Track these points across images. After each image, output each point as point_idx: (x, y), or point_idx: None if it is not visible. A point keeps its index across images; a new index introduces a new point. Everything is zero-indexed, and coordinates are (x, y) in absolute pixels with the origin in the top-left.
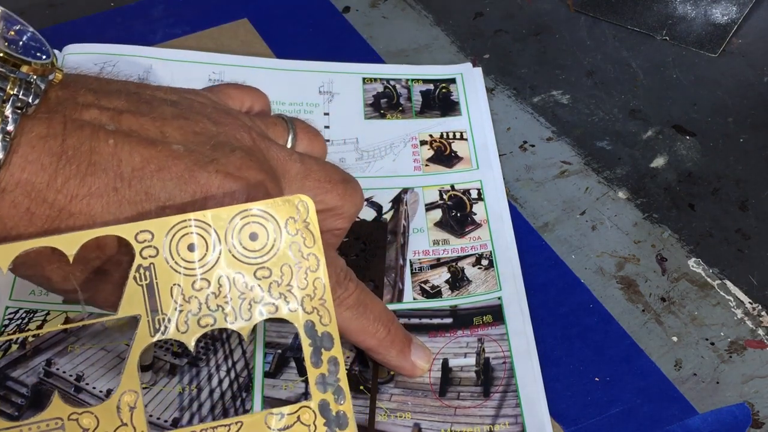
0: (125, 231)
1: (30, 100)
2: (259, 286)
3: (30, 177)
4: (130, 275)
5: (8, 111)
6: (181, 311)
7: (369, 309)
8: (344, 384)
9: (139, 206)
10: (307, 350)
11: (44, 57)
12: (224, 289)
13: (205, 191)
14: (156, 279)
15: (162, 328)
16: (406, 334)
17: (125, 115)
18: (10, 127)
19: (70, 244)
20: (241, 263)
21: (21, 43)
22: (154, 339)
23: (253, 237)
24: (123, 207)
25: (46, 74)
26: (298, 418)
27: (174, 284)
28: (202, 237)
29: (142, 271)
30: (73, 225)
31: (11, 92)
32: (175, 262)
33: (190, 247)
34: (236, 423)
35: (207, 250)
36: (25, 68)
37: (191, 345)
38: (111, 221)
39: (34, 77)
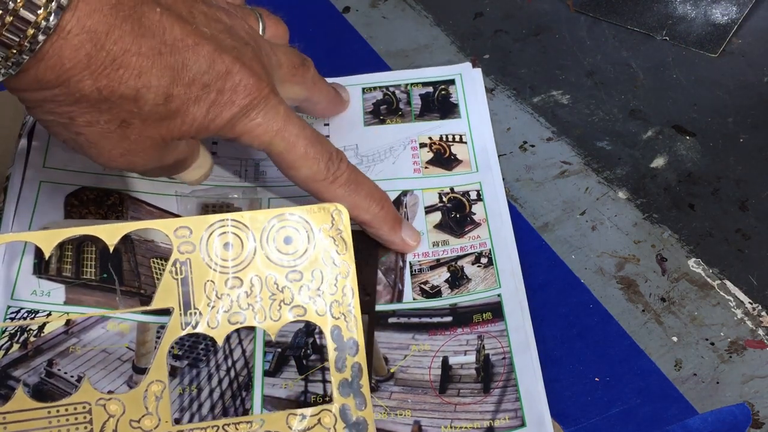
0: (165, 225)
1: None
2: (290, 288)
3: (94, 25)
4: (166, 269)
5: None
6: (213, 307)
7: (361, 186)
8: (366, 391)
9: (175, 74)
10: (332, 355)
11: None
12: (256, 288)
13: (226, 73)
14: (191, 274)
15: (193, 322)
16: (398, 214)
17: None
18: None
19: (111, 233)
20: (275, 265)
21: None
22: (184, 332)
23: (288, 240)
24: (163, 72)
25: None
26: (319, 420)
27: (208, 280)
28: (238, 237)
29: (178, 265)
30: (121, 78)
31: None
32: (210, 259)
33: (226, 246)
34: (259, 420)
35: (242, 250)
36: None
37: (220, 341)
38: (153, 85)
39: None
